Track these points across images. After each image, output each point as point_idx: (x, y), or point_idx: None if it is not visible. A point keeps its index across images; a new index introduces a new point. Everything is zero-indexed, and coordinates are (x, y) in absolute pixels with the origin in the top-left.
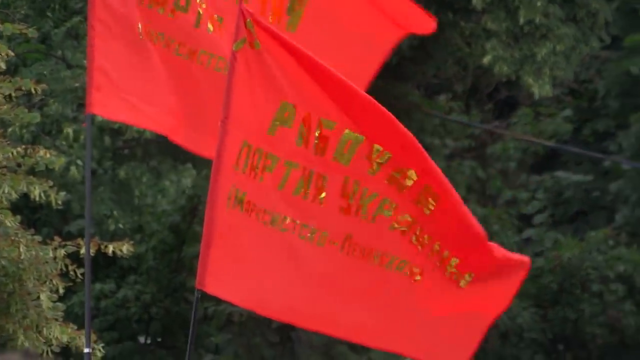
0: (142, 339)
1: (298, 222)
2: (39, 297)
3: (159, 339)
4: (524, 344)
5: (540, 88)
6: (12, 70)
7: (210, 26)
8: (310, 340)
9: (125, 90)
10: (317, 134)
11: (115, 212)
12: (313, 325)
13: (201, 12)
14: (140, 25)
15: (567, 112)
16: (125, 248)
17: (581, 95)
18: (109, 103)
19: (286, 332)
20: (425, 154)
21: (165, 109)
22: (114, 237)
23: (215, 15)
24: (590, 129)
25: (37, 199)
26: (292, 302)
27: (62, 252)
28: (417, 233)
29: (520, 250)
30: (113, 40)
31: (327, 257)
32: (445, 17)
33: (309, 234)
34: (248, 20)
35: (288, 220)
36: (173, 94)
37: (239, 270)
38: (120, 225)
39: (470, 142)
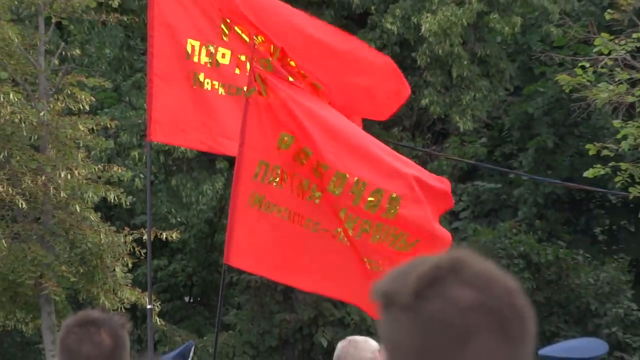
0: (186, 299)
1: (299, 214)
2: (114, 270)
3: (199, 299)
4: None
5: (464, 124)
6: (94, 111)
7: (237, 70)
8: (305, 298)
9: (174, 121)
10: (307, 163)
11: (173, 210)
12: (305, 287)
13: (229, 56)
14: (193, 73)
15: (483, 140)
16: (174, 235)
17: (493, 128)
18: (162, 132)
19: (288, 293)
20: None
21: (204, 131)
22: (166, 227)
23: (241, 56)
24: (499, 151)
25: (112, 201)
26: (291, 271)
27: (130, 238)
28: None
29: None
30: (166, 88)
31: (319, 240)
32: None
33: (307, 223)
34: (257, 75)
35: (293, 213)
36: (209, 118)
37: (254, 249)
38: (174, 220)
39: (415, 161)
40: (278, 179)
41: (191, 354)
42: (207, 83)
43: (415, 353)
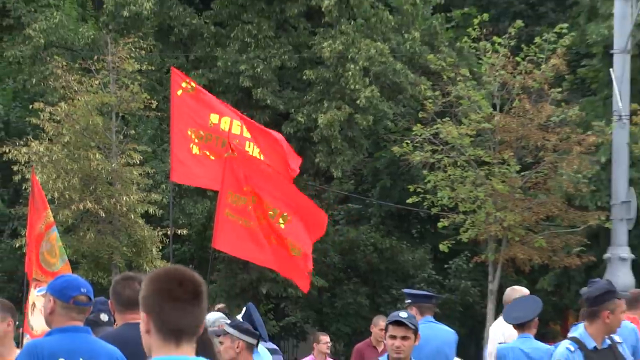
0: (189, 267)
1: (253, 221)
2: (152, 250)
3: (197, 267)
4: None
5: (337, 173)
6: (141, 163)
7: (220, 144)
8: (255, 267)
9: (186, 170)
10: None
11: (182, 217)
12: (259, 263)
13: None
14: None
15: (352, 181)
16: (185, 231)
17: (357, 175)
18: (179, 176)
19: (246, 263)
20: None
21: (202, 177)
22: (179, 227)
23: (218, 137)
24: (361, 188)
25: (151, 212)
26: (251, 253)
27: (160, 233)
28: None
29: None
30: (180, 153)
31: (266, 229)
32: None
33: (254, 224)
34: (232, 146)
35: (249, 221)
36: (205, 170)
37: (229, 240)
38: (183, 222)
39: (314, 194)
40: (242, 203)
41: (256, 314)
42: (201, 151)
43: None
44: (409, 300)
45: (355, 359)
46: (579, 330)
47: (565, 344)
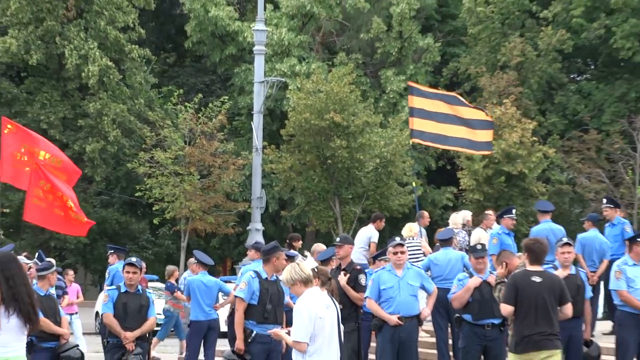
0: None
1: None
2: None
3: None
4: None
5: (97, 177)
6: None
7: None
8: (53, 233)
9: (15, 176)
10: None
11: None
12: (55, 229)
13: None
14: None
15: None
16: (8, 210)
17: None
18: (6, 177)
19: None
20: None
21: (19, 179)
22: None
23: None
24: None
25: None
26: (48, 222)
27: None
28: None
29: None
30: (12, 159)
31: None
32: None
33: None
34: (40, 165)
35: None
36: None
37: (35, 215)
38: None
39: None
40: (40, 194)
41: (43, 256)
42: (20, 166)
43: None
44: (111, 251)
45: None
46: (252, 265)
47: (249, 272)
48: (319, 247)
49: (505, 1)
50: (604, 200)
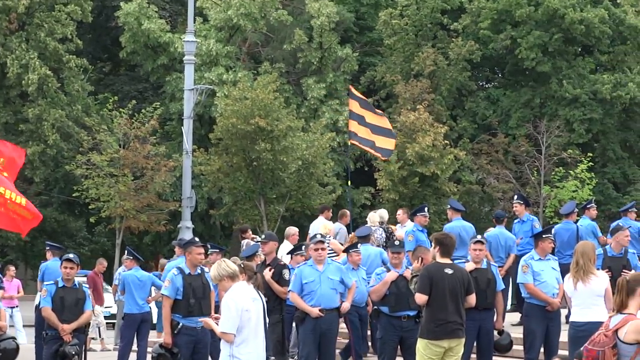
0: None
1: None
2: None
3: None
4: None
5: (36, 178)
6: None
7: None
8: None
9: None
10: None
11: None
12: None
13: None
14: None
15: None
16: None
17: None
18: None
19: None
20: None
21: None
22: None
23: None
24: None
25: None
26: (16, 224)
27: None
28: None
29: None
30: None
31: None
32: None
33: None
34: None
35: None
36: None
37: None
38: None
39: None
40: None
41: None
42: None
43: None
44: (48, 248)
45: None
46: (177, 261)
47: (173, 270)
48: (292, 230)
49: (419, 14)
50: (515, 197)
